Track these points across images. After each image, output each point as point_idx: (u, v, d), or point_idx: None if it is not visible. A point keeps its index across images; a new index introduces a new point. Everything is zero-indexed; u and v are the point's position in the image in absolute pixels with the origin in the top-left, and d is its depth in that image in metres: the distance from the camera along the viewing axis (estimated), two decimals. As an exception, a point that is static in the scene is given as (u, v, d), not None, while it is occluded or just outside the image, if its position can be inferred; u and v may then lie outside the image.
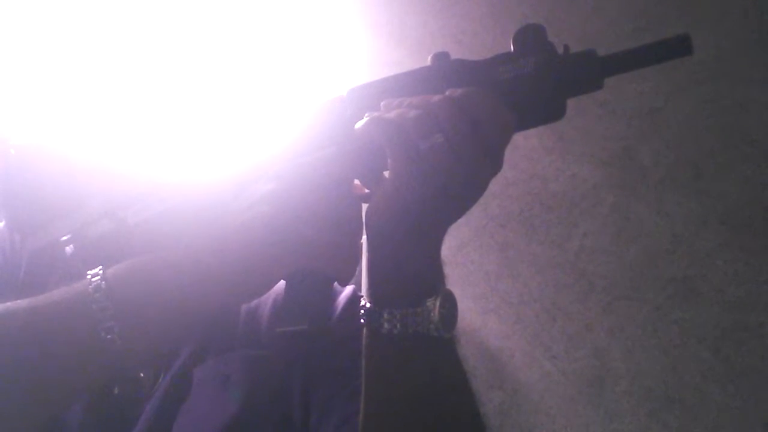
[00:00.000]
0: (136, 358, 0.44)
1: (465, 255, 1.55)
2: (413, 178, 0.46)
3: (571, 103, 0.49)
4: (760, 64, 1.40)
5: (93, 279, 0.44)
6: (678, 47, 0.47)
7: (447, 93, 0.47)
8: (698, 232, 1.40)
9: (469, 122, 0.46)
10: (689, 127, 1.44)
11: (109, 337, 0.43)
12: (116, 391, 0.60)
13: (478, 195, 0.49)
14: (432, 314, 0.48)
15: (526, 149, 1.54)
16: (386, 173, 0.49)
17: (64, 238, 0.56)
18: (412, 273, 0.50)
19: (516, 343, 1.49)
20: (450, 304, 0.50)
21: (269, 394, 0.59)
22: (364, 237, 0.52)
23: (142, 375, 0.60)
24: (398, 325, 0.49)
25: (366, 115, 0.49)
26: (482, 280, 1.53)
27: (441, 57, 0.51)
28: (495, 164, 0.48)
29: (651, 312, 1.41)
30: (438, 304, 0.48)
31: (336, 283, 0.55)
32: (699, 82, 1.43)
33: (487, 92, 0.47)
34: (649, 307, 1.41)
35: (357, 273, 0.52)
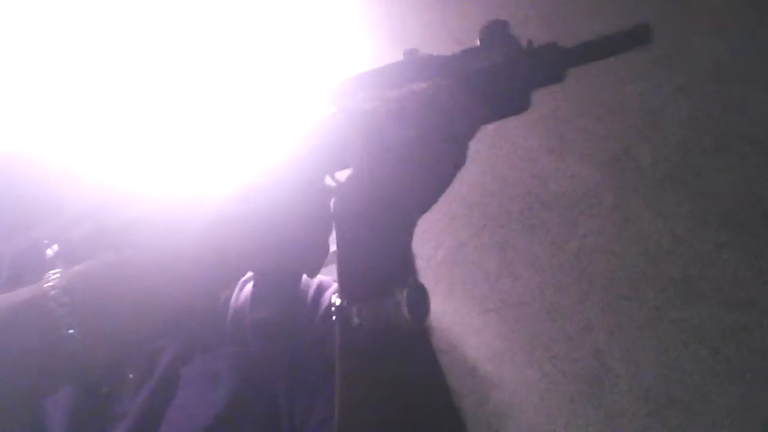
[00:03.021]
0: (98, 353, 0.44)
1: (465, 255, 1.55)
2: (382, 171, 0.47)
3: (571, 103, 0.50)
4: (760, 64, 1.40)
5: (52, 277, 0.44)
6: (637, 36, 0.49)
7: (414, 86, 0.48)
8: (698, 232, 1.40)
9: (439, 114, 0.47)
10: (689, 127, 1.44)
11: (70, 332, 0.42)
12: (104, 388, 0.60)
13: (445, 187, 0.50)
14: (401, 306, 0.48)
15: (525, 149, 1.53)
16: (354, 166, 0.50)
17: (45, 241, 0.56)
18: (380, 266, 0.50)
19: (516, 343, 1.49)
20: (420, 295, 0.50)
21: (256, 391, 0.59)
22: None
23: (131, 375, 0.61)
24: (367, 319, 0.49)
25: (334, 107, 0.50)
26: (482, 280, 1.53)
27: (412, 52, 0.53)
28: (461, 157, 0.49)
29: (651, 312, 1.41)
30: (406, 295, 0.48)
31: (320, 279, 0.55)
32: (699, 82, 1.43)
33: (456, 85, 0.48)
34: (649, 307, 1.41)
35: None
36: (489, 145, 1.54)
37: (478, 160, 1.56)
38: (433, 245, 1.55)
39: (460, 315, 1.49)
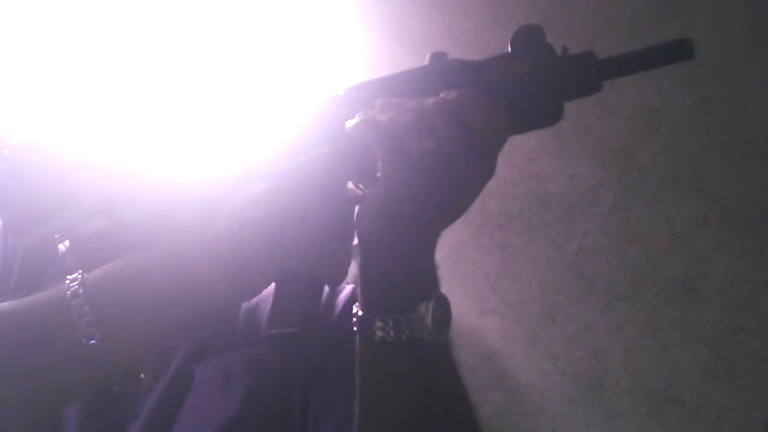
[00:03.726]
0: (121, 361, 0.44)
1: (464, 255, 1.55)
2: (404, 182, 0.46)
3: (570, 103, 0.49)
4: (760, 64, 1.40)
5: (71, 284, 0.44)
6: (679, 51, 0.46)
7: (441, 95, 0.46)
8: (698, 232, 1.40)
9: (463, 126, 0.45)
10: (689, 127, 1.44)
11: (92, 342, 0.42)
12: (116, 388, 0.59)
13: (471, 200, 0.49)
14: (425, 320, 0.48)
15: (525, 149, 1.53)
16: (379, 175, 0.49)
17: (57, 235, 0.56)
18: (404, 278, 0.49)
19: (516, 343, 1.49)
20: (443, 308, 0.49)
21: (269, 393, 0.59)
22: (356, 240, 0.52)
23: (142, 375, 0.60)
24: (391, 332, 0.48)
25: (358, 115, 0.49)
26: (482, 280, 1.53)
27: (438, 56, 0.50)
28: (488, 169, 0.48)
29: (651, 312, 1.41)
30: (431, 308, 0.48)
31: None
32: (699, 82, 1.43)
33: (482, 95, 0.46)
34: (649, 307, 1.41)
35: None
36: (489, 145, 1.54)
37: (478, 160, 1.56)
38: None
39: (460, 315, 1.49)
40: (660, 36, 0.48)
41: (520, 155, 1.54)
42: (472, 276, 1.54)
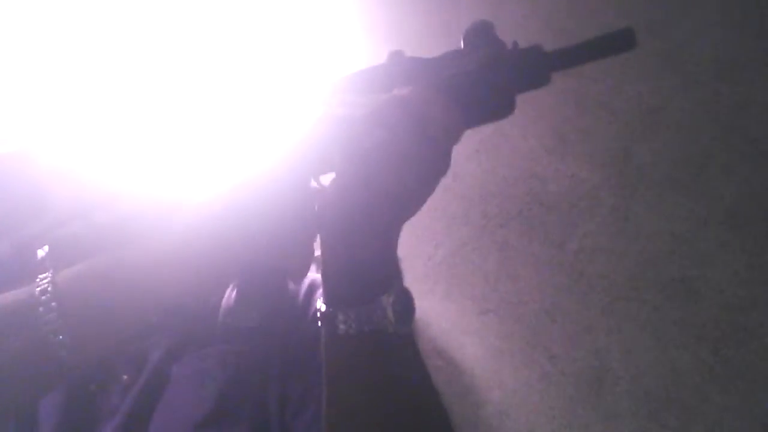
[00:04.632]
0: (86, 356, 0.44)
1: (464, 255, 1.55)
2: (359, 174, 0.47)
3: (570, 103, 0.49)
4: (760, 64, 1.40)
5: (41, 282, 0.44)
6: (623, 41, 0.47)
7: (394, 91, 0.48)
8: (698, 232, 1.40)
9: (415, 120, 0.46)
10: (689, 127, 1.44)
11: (59, 338, 0.42)
12: (93, 387, 0.60)
13: (427, 193, 0.50)
14: (386, 311, 0.48)
15: (525, 149, 1.53)
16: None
17: (35, 241, 0.56)
18: (364, 271, 0.50)
19: (516, 343, 1.49)
20: (405, 299, 0.50)
21: (246, 389, 0.60)
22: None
23: (125, 377, 0.61)
24: (353, 325, 0.49)
25: (318, 110, 0.50)
26: (482, 280, 1.53)
27: (396, 55, 0.52)
28: (442, 162, 0.49)
29: (651, 312, 1.41)
30: (392, 300, 0.48)
31: (312, 278, 0.55)
32: (699, 82, 1.43)
33: (432, 89, 0.47)
34: (649, 307, 1.41)
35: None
36: (489, 145, 1.54)
37: (478, 160, 1.56)
38: (433, 245, 1.55)
39: (460, 315, 1.49)
40: (659, 37, 0.48)
41: (520, 155, 1.54)
42: (471, 276, 1.54)
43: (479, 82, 0.49)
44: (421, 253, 1.54)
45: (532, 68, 0.49)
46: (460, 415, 1.46)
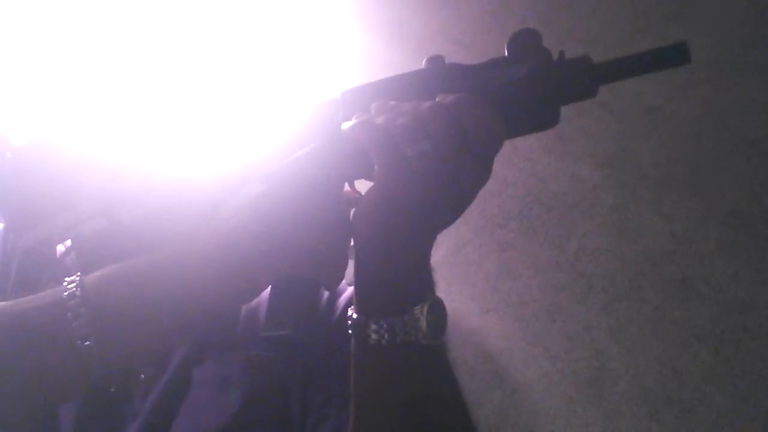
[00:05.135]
0: (114, 363, 0.44)
1: (465, 255, 1.55)
2: (400, 185, 0.46)
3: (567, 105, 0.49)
4: (760, 65, 1.40)
5: (69, 286, 0.44)
6: (675, 55, 0.46)
7: (438, 99, 0.47)
8: (698, 232, 1.40)
9: (458, 130, 0.45)
10: (689, 127, 1.44)
11: (86, 344, 0.42)
12: (113, 389, 0.59)
13: (467, 203, 0.49)
14: (419, 323, 0.47)
15: (525, 149, 1.53)
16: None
17: (57, 236, 0.56)
18: (398, 281, 0.49)
19: (516, 343, 1.49)
20: (438, 311, 0.49)
21: (268, 395, 0.59)
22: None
23: (143, 376, 0.60)
24: (386, 335, 0.48)
25: (354, 117, 0.49)
26: (482, 280, 1.53)
27: (435, 60, 0.50)
28: (484, 172, 0.48)
29: (651, 312, 1.41)
30: (426, 311, 0.47)
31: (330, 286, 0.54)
32: (699, 82, 1.43)
33: (477, 99, 0.46)
34: (649, 307, 1.41)
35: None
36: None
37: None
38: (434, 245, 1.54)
39: (460, 315, 1.49)
40: (659, 37, 0.48)
41: (520, 155, 1.54)
42: (472, 276, 1.54)
43: (526, 94, 0.47)
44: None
45: (580, 80, 0.47)
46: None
